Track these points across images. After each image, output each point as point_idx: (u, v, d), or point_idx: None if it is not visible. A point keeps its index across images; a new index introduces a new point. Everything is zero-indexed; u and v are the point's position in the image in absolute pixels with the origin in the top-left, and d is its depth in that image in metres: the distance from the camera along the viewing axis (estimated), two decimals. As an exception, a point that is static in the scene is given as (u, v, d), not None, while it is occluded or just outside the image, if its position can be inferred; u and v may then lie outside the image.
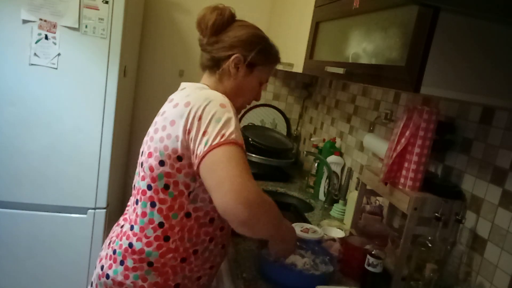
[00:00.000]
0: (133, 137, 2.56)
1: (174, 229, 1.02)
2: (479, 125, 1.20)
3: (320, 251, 1.30)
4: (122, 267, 1.04)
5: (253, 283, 1.16)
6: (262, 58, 1.11)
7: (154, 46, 2.53)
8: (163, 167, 0.99)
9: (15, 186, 1.94)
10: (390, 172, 1.22)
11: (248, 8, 2.59)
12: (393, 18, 1.00)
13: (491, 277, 1.10)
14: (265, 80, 1.16)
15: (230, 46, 1.07)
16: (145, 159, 1.03)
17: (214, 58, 1.10)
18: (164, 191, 1.01)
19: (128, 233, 1.06)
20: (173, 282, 1.04)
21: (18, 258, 1.99)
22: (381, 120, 1.74)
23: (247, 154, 2.17)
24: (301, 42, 1.75)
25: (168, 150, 0.98)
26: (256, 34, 1.11)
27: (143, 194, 1.04)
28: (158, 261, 1.02)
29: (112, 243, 1.09)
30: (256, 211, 0.89)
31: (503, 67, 0.89)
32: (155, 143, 1.01)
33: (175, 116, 0.98)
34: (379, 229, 1.44)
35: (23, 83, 1.86)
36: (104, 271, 1.07)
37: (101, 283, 1.08)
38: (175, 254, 1.03)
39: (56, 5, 1.81)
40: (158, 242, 1.02)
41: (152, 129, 1.05)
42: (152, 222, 1.02)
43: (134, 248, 1.03)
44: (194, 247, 1.05)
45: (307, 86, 2.76)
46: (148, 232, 1.03)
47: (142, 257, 1.02)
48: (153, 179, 1.01)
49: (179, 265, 1.04)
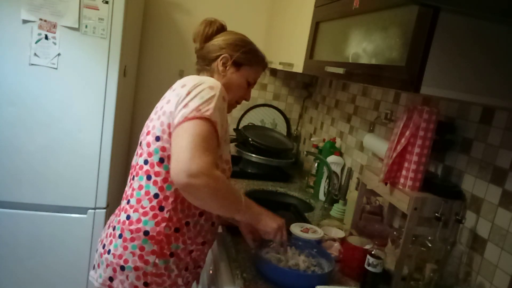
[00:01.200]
0: (133, 137, 2.55)
1: (168, 200, 1.10)
2: (479, 125, 1.20)
3: (318, 251, 1.30)
4: (121, 240, 1.11)
5: (253, 283, 1.16)
6: (247, 58, 1.24)
7: (154, 46, 2.53)
8: (158, 142, 1.09)
9: (15, 186, 1.94)
10: (390, 172, 1.22)
11: (248, 8, 2.59)
12: (393, 18, 1.00)
13: (491, 277, 1.10)
14: (252, 80, 1.27)
15: (219, 48, 1.23)
16: (144, 137, 1.14)
17: (206, 60, 1.24)
18: (160, 164, 1.10)
19: (126, 207, 1.15)
20: (168, 251, 1.11)
21: (18, 258, 1.99)
22: (381, 120, 1.74)
23: (247, 154, 2.18)
24: (301, 42, 1.75)
25: (164, 126, 1.08)
26: (242, 39, 1.26)
27: (139, 169, 1.13)
28: (153, 230, 1.09)
29: (111, 222, 1.19)
30: (195, 181, 0.96)
31: (503, 67, 0.89)
32: (153, 122, 1.12)
33: (171, 96, 1.10)
34: (379, 229, 1.44)
35: (23, 83, 1.86)
36: (106, 248, 1.14)
37: (102, 261, 1.14)
38: (169, 223, 1.10)
39: (56, 5, 1.81)
40: (153, 212, 1.10)
41: (153, 112, 1.16)
42: (148, 193, 1.11)
43: (131, 219, 1.11)
44: (186, 219, 1.13)
45: (307, 86, 2.76)
46: (144, 203, 1.11)
47: (139, 227, 1.10)
48: (149, 154, 1.11)
49: (173, 235, 1.11)
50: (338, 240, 1.42)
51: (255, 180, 2.14)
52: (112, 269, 1.11)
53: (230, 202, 1.08)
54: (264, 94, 2.73)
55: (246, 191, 1.97)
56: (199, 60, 1.27)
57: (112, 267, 1.11)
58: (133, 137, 2.56)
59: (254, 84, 1.30)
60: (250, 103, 2.69)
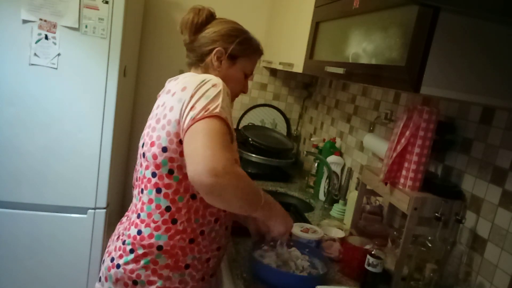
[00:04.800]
0: (133, 137, 2.55)
1: (181, 212, 1.05)
2: (479, 125, 1.20)
3: (315, 251, 1.29)
4: (133, 255, 1.06)
5: (253, 283, 1.16)
6: (242, 49, 1.17)
7: (154, 46, 2.53)
8: (166, 153, 1.03)
9: (15, 186, 1.94)
10: (390, 172, 1.22)
11: (248, 8, 2.59)
12: (393, 18, 1.00)
13: (491, 277, 1.10)
14: (249, 71, 1.21)
15: (211, 41, 1.14)
16: (147, 149, 1.07)
17: (198, 54, 1.16)
18: (169, 176, 1.04)
19: (136, 221, 1.09)
20: (183, 263, 1.07)
21: (18, 258, 1.99)
22: (381, 120, 1.74)
23: (247, 154, 2.18)
24: (301, 42, 1.75)
25: (171, 136, 1.02)
26: (234, 28, 1.18)
27: (148, 182, 1.07)
28: (167, 244, 1.05)
29: (121, 235, 1.12)
30: (222, 180, 0.89)
31: (503, 67, 0.89)
32: (157, 132, 1.05)
33: (173, 102, 1.03)
34: (379, 229, 1.44)
35: (23, 83, 1.86)
36: (114, 262, 1.09)
37: (110, 275, 1.09)
38: (183, 235, 1.06)
39: (56, 5, 1.81)
40: (166, 226, 1.05)
41: (153, 121, 1.09)
42: (159, 207, 1.05)
43: (143, 234, 1.06)
44: (201, 228, 1.08)
45: (307, 86, 2.76)
46: (155, 217, 1.06)
47: (151, 242, 1.05)
48: (157, 166, 1.05)
49: (188, 246, 1.07)
50: (338, 240, 1.42)
51: (255, 180, 2.14)
52: (123, 283, 1.07)
53: (253, 200, 1.02)
54: (264, 94, 2.73)
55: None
56: (190, 53, 1.19)
57: (124, 282, 1.07)
58: (133, 137, 2.56)
59: (251, 74, 1.23)
60: (250, 103, 2.69)
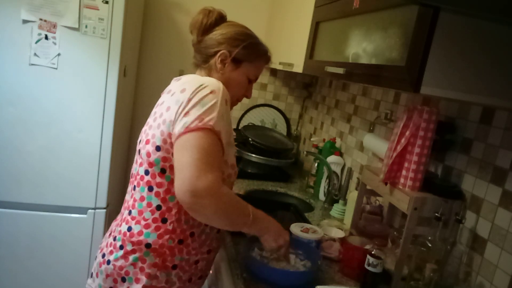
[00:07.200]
0: (133, 137, 2.55)
1: (171, 211, 1.06)
2: (479, 125, 1.20)
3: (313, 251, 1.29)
4: (122, 251, 1.07)
5: (253, 283, 1.16)
6: (247, 54, 1.15)
7: (154, 46, 2.53)
8: (159, 152, 1.03)
9: (15, 186, 1.94)
10: (390, 172, 1.22)
11: (248, 8, 2.59)
12: (393, 18, 1.00)
13: (491, 277, 1.10)
14: (253, 77, 1.20)
15: (217, 43, 1.14)
16: (142, 146, 1.08)
17: (203, 55, 1.16)
18: (161, 175, 1.05)
19: (127, 218, 1.10)
20: (171, 263, 1.08)
21: (18, 258, 1.99)
22: (381, 120, 1.74)
23: (247, 154, 2.18)
24: (301, 42, 1.75)
25: (164, 135, 1.02)
26: (242, 32, 1.16)
27: (141, 180, 1.08)
28: (156, 243, 1.06)
29: (113, 232, 1.14)
30: (202, 201, 0.92)
31: (503, 67, 0.89)
32: (153, 130, 1.06)
33: (171, 102, 1.03)
34: (379, 229, 1.44)
35: (23, 83, 1.86)
36: (105, 258, 1.10)
37: (101, 271, 1.11)
38: (172, 235, 1.06)
39: (56, 5, 1.81)
40: (156, 224, 1.06)
41: (151, 118, 1.10)
42: (150, 205, 1.06)
43: (132, 231, 1.07)
44: (191, 229, 1.09)
45: (307, 86, 2.76)
46: (146, 215, 1.07)
47: (140, 240, 1.06)
48: (150, 164, 1.05)
49: (177, 247, 1.07)
50: (338, 240, 1.42)
51: (255, 180, 2.14)
52: (112, 280, 1.08)
53: (237, 218, 1.04)
54: (264, 94, 2.73)
55: (246, 191, 1.97)
56: (196, 54, 1.19)
57: (113, 278, 1.08)
58: (133, 137, 2.56)
59: (256, 80, 1.22)
60: (250, 103, 2.70)
